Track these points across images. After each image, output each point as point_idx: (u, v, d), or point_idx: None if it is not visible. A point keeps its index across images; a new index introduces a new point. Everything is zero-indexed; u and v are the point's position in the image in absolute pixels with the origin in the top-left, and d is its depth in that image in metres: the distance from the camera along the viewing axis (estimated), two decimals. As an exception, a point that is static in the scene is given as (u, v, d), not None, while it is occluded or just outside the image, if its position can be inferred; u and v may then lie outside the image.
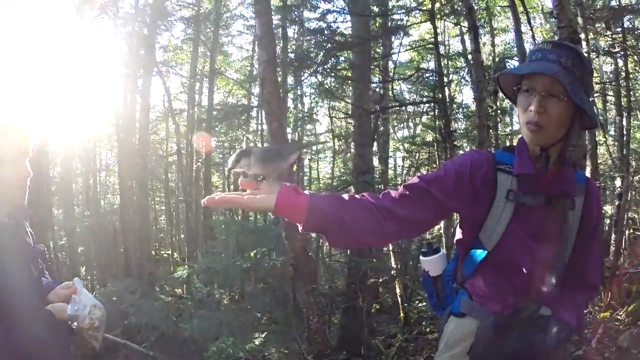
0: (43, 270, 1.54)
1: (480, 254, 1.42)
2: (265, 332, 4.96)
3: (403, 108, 12.48)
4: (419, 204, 1.30)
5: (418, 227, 1.39)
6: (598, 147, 7.75)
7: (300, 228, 1.18)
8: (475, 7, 9.19)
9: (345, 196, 1.24)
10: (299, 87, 11.55)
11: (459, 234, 1.52)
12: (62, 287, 1.50)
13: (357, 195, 1.26)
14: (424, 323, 6.67)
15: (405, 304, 7.21)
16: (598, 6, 7.61)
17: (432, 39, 6.07)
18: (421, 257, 1.73)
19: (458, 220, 1.52)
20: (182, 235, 15.72)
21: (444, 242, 6.59)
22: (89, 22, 11.32)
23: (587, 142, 4.63)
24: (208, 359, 3.89)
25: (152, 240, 14.04)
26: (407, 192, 1.30)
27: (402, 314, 7.14)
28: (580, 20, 5.75)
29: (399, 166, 16.00)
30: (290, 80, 9.93)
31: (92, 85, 11.02)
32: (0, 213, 1.33)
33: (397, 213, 1.25)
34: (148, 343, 5.52)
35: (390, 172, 14.52)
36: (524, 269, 1.36)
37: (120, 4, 11.47)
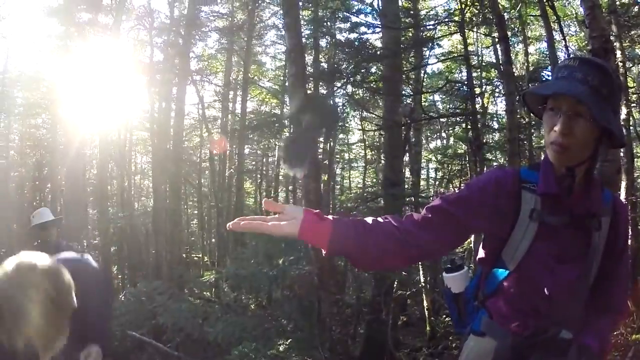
0: None
1: (501, 273, 1.40)
2: (290, 340, 4.98)
3: (436, 119, 12.35)
4: (441, 226, 1.30)
5: (441, 249, 1.39)
6: (635, 161, 7.42)
7: (324, 252, 1.21)
8: (508, 16, 9.02)
9: (369, 220, 1.26)
10: (331, 98, 11.63)
11: (481, 253, 1.50)
12: None
13: (380, 219, 1.28)
14: (450, 338, 6.54)
15: (432, 318, 7.11)
16: (633, 13, 7.30)
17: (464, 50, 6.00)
18: (444, 274, 1.72)
19: (482, 239, 1.51)
20: (213, 240, 15.99)
21: (473, 256, 6.46)
22: (126, 32, 11.83)
23: (622, 156, 4.46)
24: (229, 362, 3.94)
25: (183, 244, 14.36)
26: (430, 215, 1.31)
27: (428, 328, 7.04)
28: (614, 27, 5.55)
29: (431, 178, 15.83)
30: (323, 90, 10.02)
31: (129, 92, 11.45)
32: None
33: (420, 236, 1.26)
34: (173, 343, 5.64)
35: (423, 183, 14.38)
36: (545, 291, 1.33)
37: (155, 15, 11.94)
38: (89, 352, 1.71)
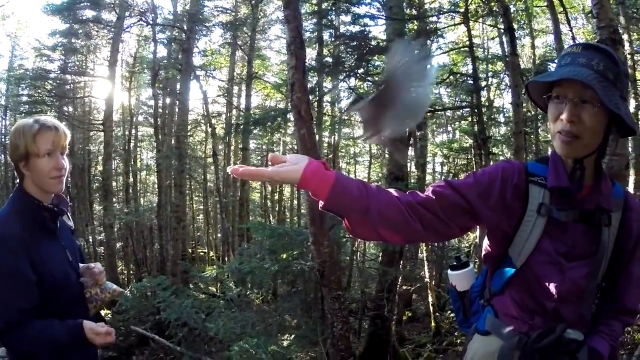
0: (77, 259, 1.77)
1: (508, 271, 1.33)
2: (293, 336, 4.95)
3: (442, 112, 12.22)
4: (446, 208, 1.22)
5: (442, 233, 1.28)
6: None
7: (320, 204, 1.11)
8: (514, 8, 8.89)
9: (372, 185, 1.16)
10: (336, 91, 11.53)
11: (486, 249, 1.43)
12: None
13: (383, 188, 1.19)
14: (455, 334, 6.50)
15: (437, 314, 7.06)
16: (642, 4, 7.16)
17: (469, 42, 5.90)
18: (449, 272, 1.66)
19: (486, 234, 1.43)
20: (219, 235, 16.04)
21: (478, 253, 6.40)
22: (129, 28, 11.85)
23: (630, 151, 4.38)
24: (230, 358, 3.90)
25: (187, 239, 14.42)
26: (436, 195, 1.23)
27: (433, 324, 7.00)
28: (622, 19, 5.44)
29: (437, 172, 15.75)
30: (327, 83, 9.92)
31: (133, 88, 11.47)
32: (45, 201, 1.62)
33: (423, 214, 1.18)
34: (176, 338, 5.61)
35: (429, 177, 14.28)
36: (553, 289, 1.26)
37: (158, 11, 11.92)
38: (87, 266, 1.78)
